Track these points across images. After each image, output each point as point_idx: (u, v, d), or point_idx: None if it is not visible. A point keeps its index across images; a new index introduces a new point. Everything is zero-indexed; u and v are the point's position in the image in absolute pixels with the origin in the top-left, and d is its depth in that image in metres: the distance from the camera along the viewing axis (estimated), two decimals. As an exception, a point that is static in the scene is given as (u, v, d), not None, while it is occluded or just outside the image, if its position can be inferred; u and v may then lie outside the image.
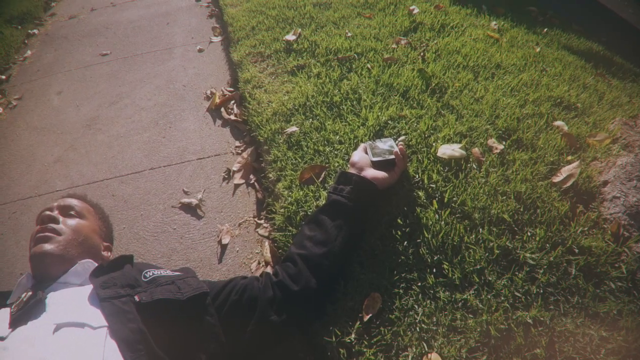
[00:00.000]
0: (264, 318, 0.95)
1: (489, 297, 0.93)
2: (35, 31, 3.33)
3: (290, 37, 1.97)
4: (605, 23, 2.77)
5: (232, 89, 1.98)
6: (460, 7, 2.25)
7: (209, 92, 2.02)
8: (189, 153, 1.69)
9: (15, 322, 0.91)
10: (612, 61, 2.16)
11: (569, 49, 2.10)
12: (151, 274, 0.99)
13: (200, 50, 2.46)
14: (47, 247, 1.06)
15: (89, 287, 0.97)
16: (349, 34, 1.93)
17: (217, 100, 1.88)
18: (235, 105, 1.84)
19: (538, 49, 1.88)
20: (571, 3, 2.92)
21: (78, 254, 1.08)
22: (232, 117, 1.77)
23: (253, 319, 0.96)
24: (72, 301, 0.94)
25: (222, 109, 1.83)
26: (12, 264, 1.44)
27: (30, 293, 0.97)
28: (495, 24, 2.07)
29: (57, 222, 1.12)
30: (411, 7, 2.13)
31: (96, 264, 1.06)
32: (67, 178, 1.76)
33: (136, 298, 0.91)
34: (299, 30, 2.01)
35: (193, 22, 2.87)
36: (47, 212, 1.14)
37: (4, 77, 2.67)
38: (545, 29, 2.20)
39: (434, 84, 1.54)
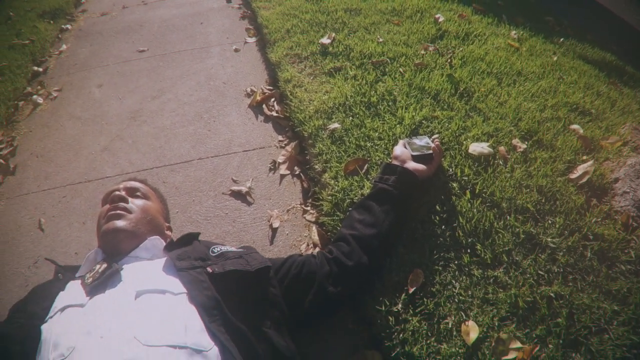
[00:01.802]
0: (322, 290, 1.06)
1: (516, 274, 1.07)
2: (68, 26, 3.46)
3: (325, 40, 2.12)
4: (617, 31, 2.91)
5: (271, 88, 2.12)
6: (482, 17, 2.40)
7: (249, 89, 2.16)
8: (234, 145, 1.83)
9: (93, 291, 0.99)
10: (623, 70, 2.30)
11: (584, 58, 2.24)
12: (219, 249, 1.10)
13: (236, 50, 2.59)
14: (120, 223, 1.13)
15: (159, 261, 1.06)
16: (381, 40, 2.08)
17: (259, 98, 2.02)
18: (275, 102, 1.99)
19: (555, 58, 2.03)
20: (584, 12, 3.06)
21: (147, 231, 1.16)
22: (274, 113, 1.92)
23: (312, 290, 1.07)
24: (148, 272, 1.03)
25: (264, 106, 1.98)
26: (66, 244, 1.54)
27: (105, 265, 1.04)
28: (515, 33, 2.22)
29: (126, 201, 1.20)
30: (437, 16, 2.28)
31: (163, 241, 1.16)
32: (116, 166, 1.87)
33: (209, 269, 1.00)
34: (333, 34, 2.16)
35: (226, 22, 3.00)
36: (117, 192, 1.21)
37: (41, 69, 2.79)
38: (562, 39, 2.35)
39: (461, 89, 1.69)
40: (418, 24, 2.26)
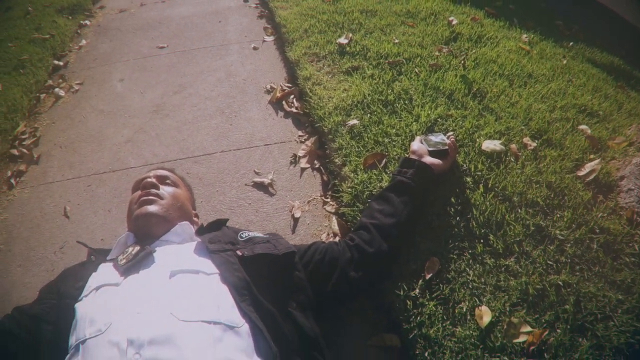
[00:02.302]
0: (344, 274, 1.11)
1: (526, 263, 1.14)
2: (87, 22, 3.53)
3: (343, 40, 2.19)
4: (628, 36, 2.95)
5: (290, 85, 2.20)
6: (494, 20, 2.46)
7: (268, 86, 2.23)
8: (256, 139, 1.90)
9: (126, 272, 1.02)
10: (631, 75, 2.34)
11: (592, 62, 2.30)
12: (247, 235, 1.15)
13: (255, 48, 2.67)
14: (152, 208, 1.17)
15: (189, 244, 1.11)
16: (396, 41, 2.15)
17: (278, 94, 2.10)
18: (295, 99, 2.07)
19: (565, 61, 2.09)
20: (594, 16, 3.11)
21: (177, 217, 1.20)
22: (294, 109, 2.00)
23: (334, 275, 1.12)
24: (180, 254, 1.07)
25: (283, 102, 2.06)
26: (92, 231, 1.61)
27: (138, 248, 1.08)
28: (526, 37, 2.28)
29: (158, 188, 1.24)
30: (450, 18, 2.35)
31: (192, 227, 1.22)
32: (140, 157, 1.93)
33: (238, 253, 1.04)
34: (350, 34, 2.24)
35: (244, 21, 3.07)
36: (149, 179, 1.25)
37: (61, 63, 2.86)
38: (571, 43, 2.40)
39: (474, 89, 1.76)
40: (432, 26, 2.33)
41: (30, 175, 1.94)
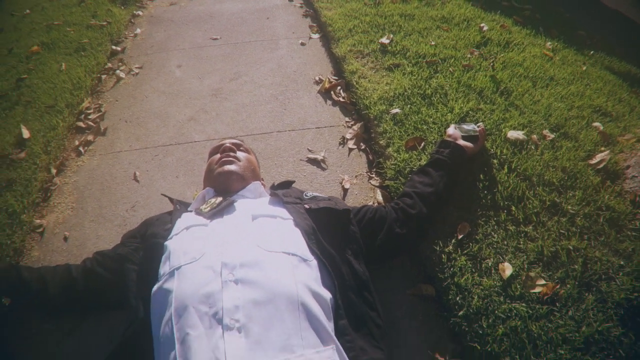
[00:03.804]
0: (391, 231, 1.30)
1: (542, 230, 1.33)
2: (140, 12, 3.66)
3: (385, 40, 2.41)
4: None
5: (337, 77, 2.41)
6: (521, 28, 2.65)
7: (317, 78, 2.45)
8: (308, 123, 2.12)
9: (212, 217, 1.16)
10: None
11: (610, 69, 2.45)
12: (311, 194, 1.34)
13: (302, 44, 2.87)
14: (232, 167, 1.34)
15: (264, 199, 1.28)
16: (432, 43, 2.36)
17: (327, 85, 2.32)
18: (341, 90, 2.29)
19: (584, 68, 2.27)
20: (612, 26, 3.25)
21: (250, 177, 1.37)
22: (341, 99, 2.22)
23: (382, 231, 1.29)
24: (257, 204, 1.24)
25: (332, 92, 2.28)
26: (162, 191, 1.76)
27: (220, 198, 1.23)
28: (550, 45, 2.47)
29: (235, 152, 1.40)
30: (481, 25, 2.55)
31: (262, 186, 1.39)
32: (202, 132, 2.09)
33: (306, 206, 1.23)
34: (391, 35, 2.46)
35: (290, 19, 3.27)
36: (227, 144, 1.41)
37: (119, 48, 3.00)
38: (592, 52, 2.57)
39: (502, 88, 1.97)
40: (465, 31, 2.53)
41: (98, 145, 2.08)
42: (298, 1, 3.62)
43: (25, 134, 1.99)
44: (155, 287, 1.03)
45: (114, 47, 3.02)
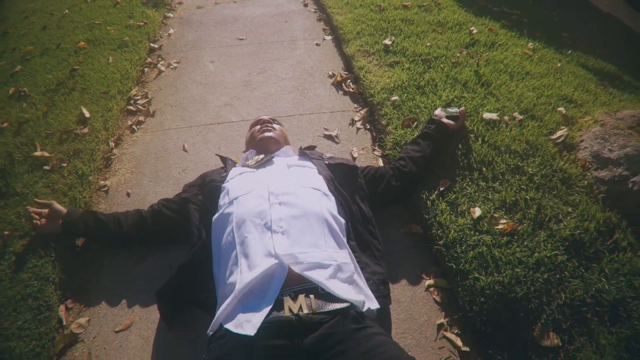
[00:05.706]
0: (388, 183, 1.64)
1: (506, 185, 1.66)
2: (170, 14, 3.94)
3: (387, 41, 2.78)
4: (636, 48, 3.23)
5: (347, 72, 2.77)
6: (507, 31, 2.97)
7: (330, 72, 2.80)
8: (324, 108, 2.47)
9: (257, 167, 1.49)
10: (619, 78, 2.66)
11: (584, 66, 2.71)
12: (329, 155, 1.70)
13: (317, 44, 3.20)
14: (271, 134, 1.68)
15: (294, 157, 1.61)
16: (428, 44, 2.72)
17: (339, 78, 2.68)
18: (351, 82, 2.64)
19: (559, 64, 2.55)
20: (603, 28, 3.43)
21: (283, 142, 1.72)
22: (350, 90, 2.58)
23: (382, 184, 1.63)
24: (290, 159, 1.57)
25: (343, 84, 2.65)
26: (207, 160, 2.09)
27: (262, 155, 1.58)
28: (531, 45, 2.78)
29: (272, 123, 1.75)
30: (471, 28, 2.91)
31: (292, 150, 1.72)
32: (238, 115, 2.41)
33: (325, 162, 1.59)
34: (393, 37, 2.83)
35: (306, 23, 3.60)
36: (265, 118, 1.76)
37: (156, 46, 3.28)
38: (570, 51, 2.84)
39: (483, 80, 2.31)
40: (456, 34, 2.88)
41: (148, 124, 2.37)
42: (312, 7, 3.96)
43: (86, 113, 2.27)
44: (216, 215, 1.39)
45: (151, 44, 3.29)
